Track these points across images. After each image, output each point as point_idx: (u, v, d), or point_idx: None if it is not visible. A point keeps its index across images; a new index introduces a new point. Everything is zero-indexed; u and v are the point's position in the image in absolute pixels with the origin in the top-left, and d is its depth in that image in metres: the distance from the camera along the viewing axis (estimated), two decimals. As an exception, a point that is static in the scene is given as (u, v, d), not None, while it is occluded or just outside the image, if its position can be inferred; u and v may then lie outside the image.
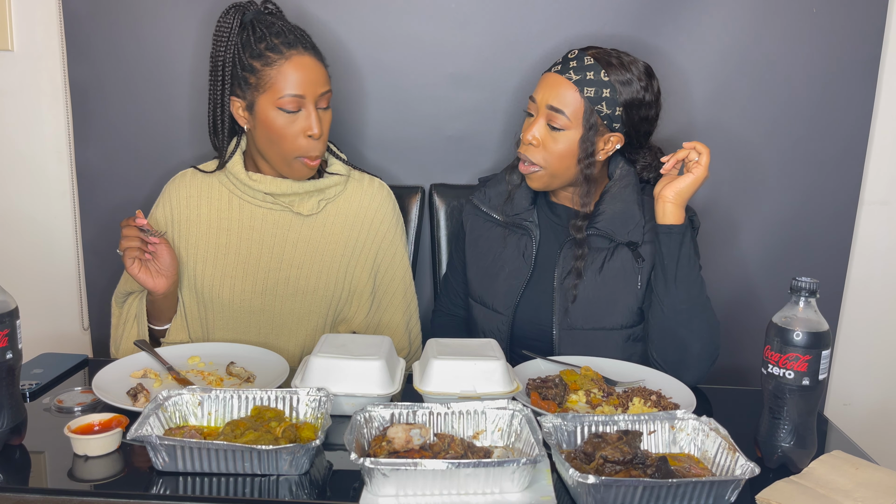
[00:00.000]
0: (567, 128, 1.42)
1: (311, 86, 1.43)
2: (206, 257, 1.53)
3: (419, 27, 1.77)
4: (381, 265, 1.61)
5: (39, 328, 1.95)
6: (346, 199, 1.58)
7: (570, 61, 1.44)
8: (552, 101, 1.42)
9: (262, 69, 1.42)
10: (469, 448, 1.02)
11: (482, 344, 1.26)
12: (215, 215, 1.54)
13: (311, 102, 1.43)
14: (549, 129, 1.43)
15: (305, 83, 1.42)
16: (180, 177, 1.59)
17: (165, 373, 1.30)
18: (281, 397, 1.10)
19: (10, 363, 1.01)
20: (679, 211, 1.38)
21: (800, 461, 1.04)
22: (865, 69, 1.75)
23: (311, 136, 1.44)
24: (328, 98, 1.47)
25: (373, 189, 1.60)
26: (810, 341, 1.01)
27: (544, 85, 1.45)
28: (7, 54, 1.84)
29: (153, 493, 0.94)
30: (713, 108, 1.77)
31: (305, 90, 1.42)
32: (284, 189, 1.51)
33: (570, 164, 1.45)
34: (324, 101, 1.46)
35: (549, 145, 1.44)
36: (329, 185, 1.55)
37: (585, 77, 1.41)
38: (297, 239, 1.54)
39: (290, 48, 1.42)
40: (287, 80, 1.41)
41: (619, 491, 0.89)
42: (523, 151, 1.46)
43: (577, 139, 1.43)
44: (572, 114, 1.42)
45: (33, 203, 1.93)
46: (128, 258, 1.39)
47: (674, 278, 1.38)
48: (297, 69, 1.42)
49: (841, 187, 1.82)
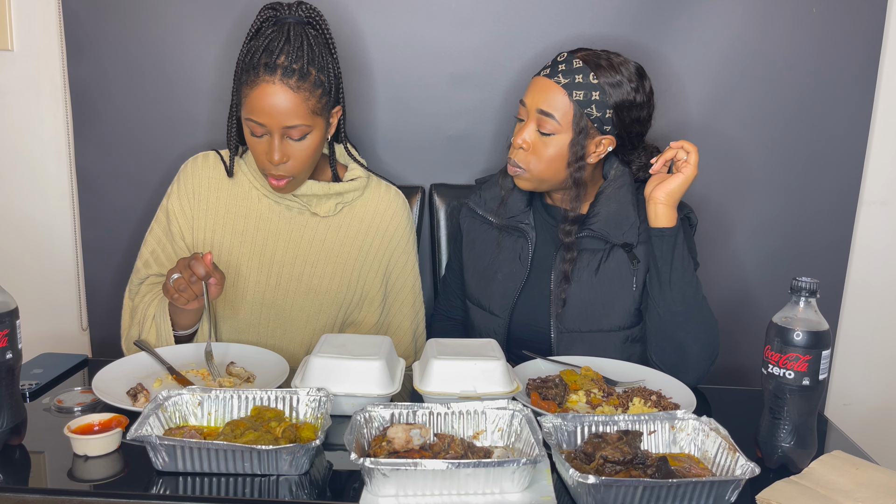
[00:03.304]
0: (557, 132, 1.41)
1: (273, 118, 1.37)
2: (223, 243, 1.53)
3: (419, 27, 1.77)
4: (393, 272, 1.61)
5: (39, 328, 1.95)
6: (363, 204, 1.58)
7: (558, 64, 1.43)
8: (541, 105, 1.41)
9: (244, 82, 1.40)
10: (469, 448, 1.02)
11: (482, 344, 1.25)
12: (234, 200, 1.54)
13: (276, 132, 1.38)
14: (540, 134, 1.43)
15: (265, 114, 1.37)
16: (202, 157, 1.57)
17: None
18: (281, 397, 1.10)
19: (10, 363, 1.01)
20: (671, 212, 1.37)
21: (800, 461, 1.04)
22: (864, 69, 1.75)
23: (271, 163, 1.41)
24: (302, 131, 1.39)
25: (389, 196, 1.61)
26: (810, 341, 1.01)
27: (534, 89, 1.44)
28: (7, 54, 1.84)
29: (153, 494, 0.94)
30: (713, 108, 1.77)
31: (266, 121, 1.37)
32: (304, 189, 1.52)
33: (560, 167, 1.44)
34: (296, 134, 1.39)
35: (540, 149, 1.43)
36: (348, 190, 1.55)
37: (574, 80, 1.40)
38: (312, 238, 1.55)
39: (266, 73, 1.36)
40: (252, 105, 1.37)
41: (619, 491, 0.89)
42: (512, 156, 1.46)
43: (567, 143, 1.42)
44: (562, 117, 1.40)
45: (33, 203, 1.93)
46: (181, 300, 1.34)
47: (668, 281, 1.37)
48: (260, 97, 1.36)
49: (840, 187, 1.82)
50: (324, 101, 1.42)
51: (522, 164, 1.44)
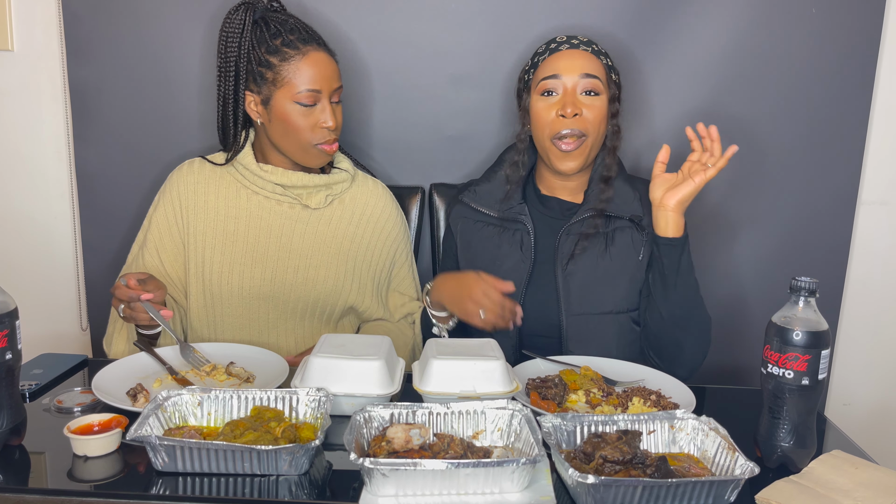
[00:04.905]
0: (601, 92, 1.46)
1: (327, 81, 1.47)
2: (215, 245, 1.55)
3: (419, 27, 1.77)
4: (388, 262, 1.65)
5: (39, 328, 1.96)
6: (352, 197, 1.62)
7: (571, 38, 1.51)
8: (586, 69, 1.46)
9: (280, 65, 1.45)
10: (469, 448, 1.02)
11: (482, 344, 1.26)
12: (223, 203, 1.56)
13: (326, 97, 1.48)
14: (585, 97, 1.46)
15: (321, 78, 1.46)
16: (187, 165, 1.60)
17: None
18: (280, 397, 1.10)
19: (10, 363, 1.01)
20: (680, 219, 1.39)
21: (799, 461, 1.04)
22: (863, 68, 1.76)
23: (328, 129, 1.49)
24: (340, 93, 1.52)
25: (377, 190, 1.65)
26: (810, 341, 1.01)
27: (564, 58, 1.47)
28: (7, 54, 1.84)
29: (153, 494, 0.94)
30: (712, 107, 1.77)
31: (321, 85, 1.46)
32: (295, 181, 1.54)
33: (603, 129, 1.49)
34: (336, 96, 1.51)
35: (586, 113, 1.46)
36: (337, 181, 1.59)
37: (594, 48, 1.49)
38: (304, 230, 1.57)
39: (306, 44, 1.47)
40: (304, 76, 1.45)
41: (618, 491, 0.89)
42: (568, 126, 1.45)
43: (607, 103, 1.48)
44: (603, 78, 1.47)
45: (33, 203, 1.93)
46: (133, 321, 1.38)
47: (674, 286, 1.39)
48: (313, 65, 1.46)
49: (839, 187, 1.82)
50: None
51: (583, 129, 1.46)
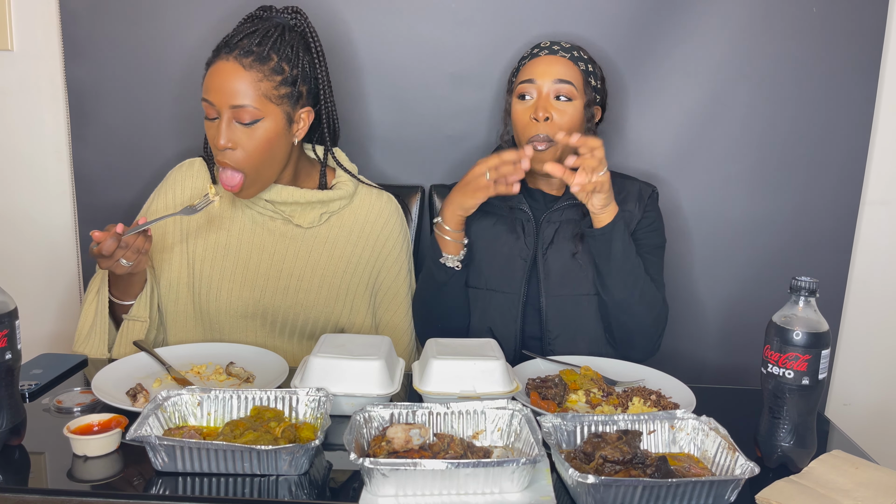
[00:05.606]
0: (574, 97, 1.48)
1: (221, 95, 1.35)
2: (205, 256, 1.51)
3: (419, 27, 1.77)
4: (384, 282, 1.59)
5: (39, 328, 1.96)
6: (352, 213, 1.55)
7: (553, 44, 1.53)
8: (560, 75, 1.48)
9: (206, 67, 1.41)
10: (469, 448, 1.02)
11: (482, 344, 1.26)
12: (217, 213, 1.52)
13: (225, 111, 1.36)
14: (558, 101, 1.48)
15: (213, 90, 1.36)
16: (188, 164, 1.57)
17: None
18: (280, 397, 1.10)
19: (10, 363, 1.01)
20: (601, 212, 1.42)
21: (799, 461, 1.04)
22: (866, 68, 1.75)
23: (217, 147, 1.38)
24: (252, 115, 1.36)
25: (381, 203, 1.58)
26: (810, 341, 1.01)
27: (541, 64, 1.50)
28: (7, 54, 1.84)
29: (152, 494, 0.94)
30: (714, 107, 1.77)
31: (214, 98, 1.36)
32: (284, 197, 1.48)
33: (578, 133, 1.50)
34: (245, 116, 1.36)
35: (557, 119, 1.47)
36: (332, 198, 1.52)
37: (573, 54, 1.51)
38: (297, 250, 1.51)
39: (224, 52, 1.38)
40: (206, 84, 1.39)
41: (618, 491, 0.89)
42: (536, 131, 1.47)
43: (581, 108, 1.50)
44: (578, 84, 1.49)
45: (33, 203, 1.93)
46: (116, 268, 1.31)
47: (608, 273, 1.45)
48: (212, 74, 1.38)
49: (842, 187, 1.82)
50: (283, 91, 1.39)
51: (551, 134, 1.47)
